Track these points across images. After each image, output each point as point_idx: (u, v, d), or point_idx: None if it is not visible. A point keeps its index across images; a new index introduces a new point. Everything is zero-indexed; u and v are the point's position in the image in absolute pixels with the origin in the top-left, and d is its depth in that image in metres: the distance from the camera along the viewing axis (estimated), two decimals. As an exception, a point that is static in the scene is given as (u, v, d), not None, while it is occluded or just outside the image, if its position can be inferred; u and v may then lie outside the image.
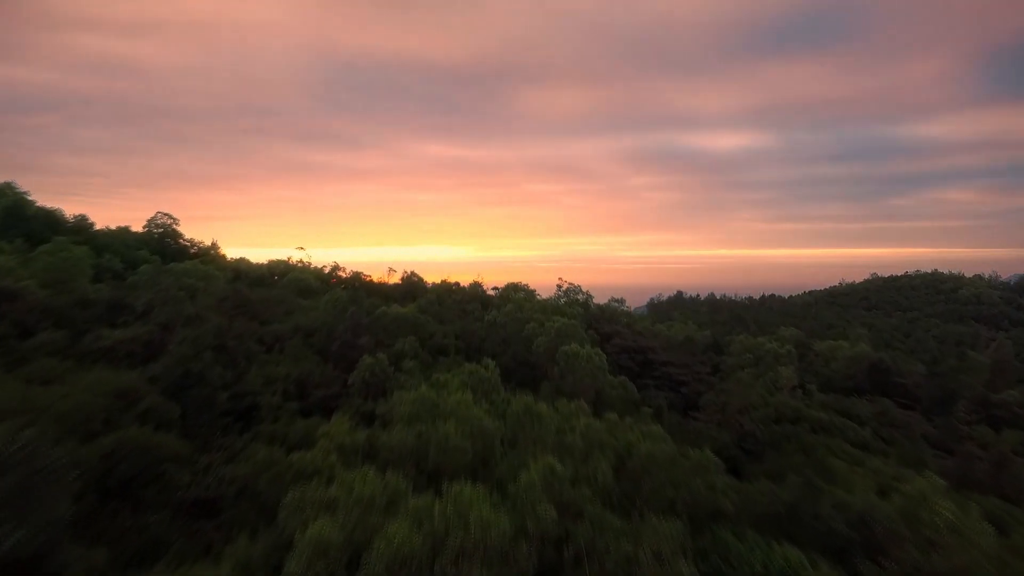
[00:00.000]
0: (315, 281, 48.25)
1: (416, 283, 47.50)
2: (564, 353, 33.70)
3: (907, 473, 26.79)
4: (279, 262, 58.71)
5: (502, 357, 35.28)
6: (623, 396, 32.97)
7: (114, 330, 25.68)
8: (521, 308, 40.91)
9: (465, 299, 48.11)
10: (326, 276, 53.35)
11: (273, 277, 53.36)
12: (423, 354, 31.27)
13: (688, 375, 47.13)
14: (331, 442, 19.72)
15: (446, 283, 49.05)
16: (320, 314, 33.40)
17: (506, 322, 38.64)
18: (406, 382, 27.11)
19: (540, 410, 16.27)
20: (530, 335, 36.69)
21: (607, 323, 53.95)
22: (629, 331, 52.55)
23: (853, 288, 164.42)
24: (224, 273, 44.79)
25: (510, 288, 51.93)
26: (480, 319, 40.62)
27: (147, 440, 19.21)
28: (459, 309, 41.73)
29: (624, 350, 49.95)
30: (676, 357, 49.12)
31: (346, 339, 29.24)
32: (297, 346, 29.52)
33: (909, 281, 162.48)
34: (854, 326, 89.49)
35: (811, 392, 42.33)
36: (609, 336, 51.49)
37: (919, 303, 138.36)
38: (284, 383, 25.72)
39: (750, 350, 47.65)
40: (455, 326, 36.46)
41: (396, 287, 47.56)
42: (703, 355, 51.56)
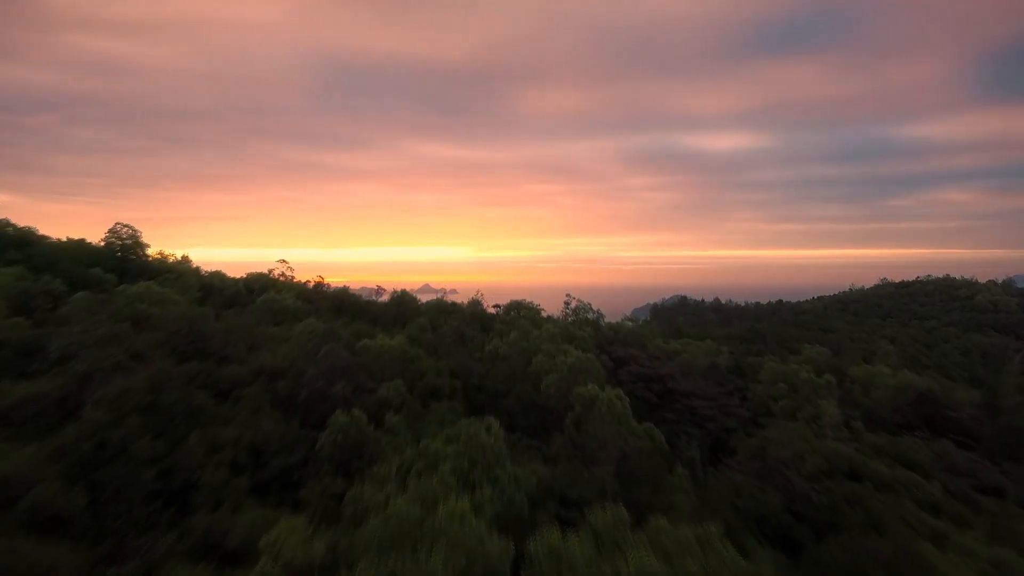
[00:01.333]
0: (295, 301, 43.03)
1: (407, 303, 42.31)
2: (580, 396, 28.63)
3: (1010, 556, 21.74)
4: (259, 276, 53.49)
5: (505, 399, 30.17)
6: (651, 450, 27.80)
7: (20, 383, 20.52)
8: (527, 336, 35.73)
9: (463, 320, 42.94)
10: (309, 292, 48.17)
11: (250, 293, 48.18)
12: (411, 401, 26.06)
13: (714, 408, 41.99)
14: (276, 561, 14.56)
15: (441, 303, 43.91)
16: (290, 350, 28.18)
17: (510, 354, 33.49)
18: (388, 446, 21.93)
19: (571, 554, 11.10)
20: (538, 371, 31.58)
21: (620, 346, 48.87)
22: (645, 355, 47.47)
23: (864, 294, 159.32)
24: (189, 293, 39.66)
25: (513, 307, 46.78)
26: (480, 347, 35.44)
27: (21, 556, 14.08)
28: (456, 334, 36.61)
29: (640, 378, 44.86)
30: (699, 386, 44.01)
31: (317, 387, 24.04)
32: (257, 396, 24.30)
33: (922, 287, 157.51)
34: (880, 342, 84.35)
35: (858, 431, 37.28)
36: (623, 361, 46.40)
37: (935, 311, 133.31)
38: (234, 450, 20.50)
39: (783, 378, 42.54)
40: (451, 360, 31.31)
41: (385, 307, 42.30)
42: (727, 382, 46.43)
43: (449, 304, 44.45)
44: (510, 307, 46.57)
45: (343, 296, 43.90)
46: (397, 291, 46.48)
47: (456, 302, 46.63)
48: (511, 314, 40.16)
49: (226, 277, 50.10)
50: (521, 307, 46.75)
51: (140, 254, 43.45)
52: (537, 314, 45.48)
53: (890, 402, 43.08)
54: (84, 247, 39.83)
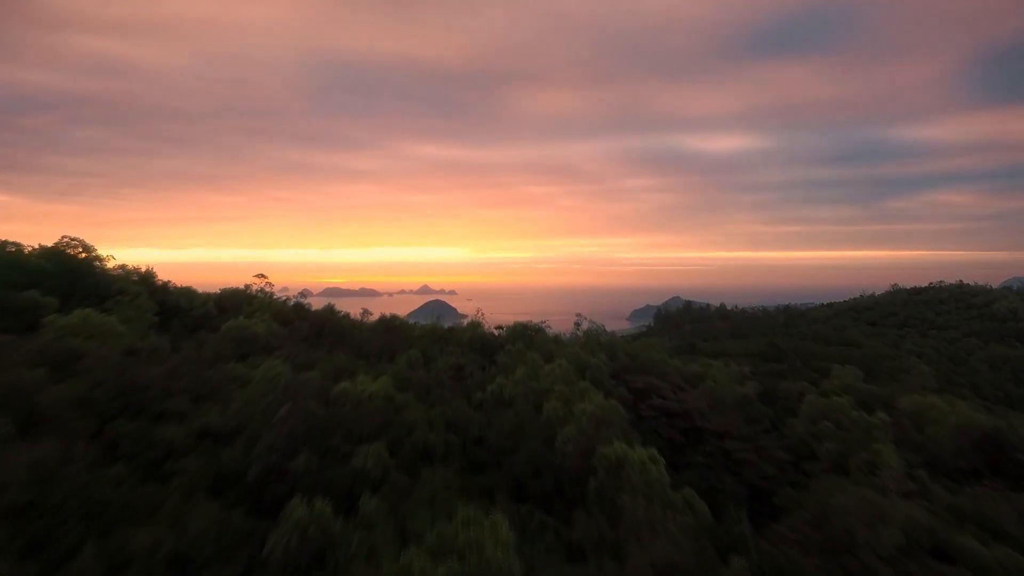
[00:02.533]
0: (270, 324, 37.62)
1: (397, 328, 36.79)
2: (605, 460, 23.38)
3: None
4: (234, 293, 48.03)
5: (512, 457, 24.83)
6: (695, 528, 22.50)
7: None
8: (536, 373, 30.37)
9: (462, 346, 37.60)
10: (288, 313, 42.78)
11: (222, 313, 42.79)
12: (396, 472, 20.69)
13: (751, 451, 36.68)
14: None
15: (437, 328, 38.55)
16: (245, 404, 22.76)
17: (516, 396, 28.14)
18: (359, 550, 16.57)
19: None
20: (551, 420, 26.27)
21: (639, 374, 43.58)
22: (667, 384, 42.20)
23: (876, 301, 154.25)
24: (143, 319, 34.25)
25: (519, 331, 41.39)
26: (481, 386, 30.07)
27: None
28: (452, 369, 31.25)
29: (664, 412, 39.54)
30: (732, 424, 38.74)
31: (271, 461, 18.68)
32: (195, 471, 18.92)
33: (936, 294, 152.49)
34: (908, 358, 79.14)
35: (924, 483, 32.04)
36: (644, 393, 41.06)
37: (953, 320, 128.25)
38: (147, 563, 15.16)
39: (826, 414, 37.31)
40: (446, 408, 25.95)
41: (372, 331, 36.74)
42: (760, 416, 41.14)
43: (445, 329, 39.07)
44: (515, 332, 41.21)
45: (326, 319, 38.47)
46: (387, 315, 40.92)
47: (454, 326, 41.27)
48: (517, 345, 34.71)
49: (196, 294, 44.68)
50: (528, 331, 41.39)
51: (93, 271, 38.03)
52: (546, 340, 40.10)
53: (951, 443, 37.77)
54: (20, 262, 34.34)
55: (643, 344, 46.40)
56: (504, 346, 39.69)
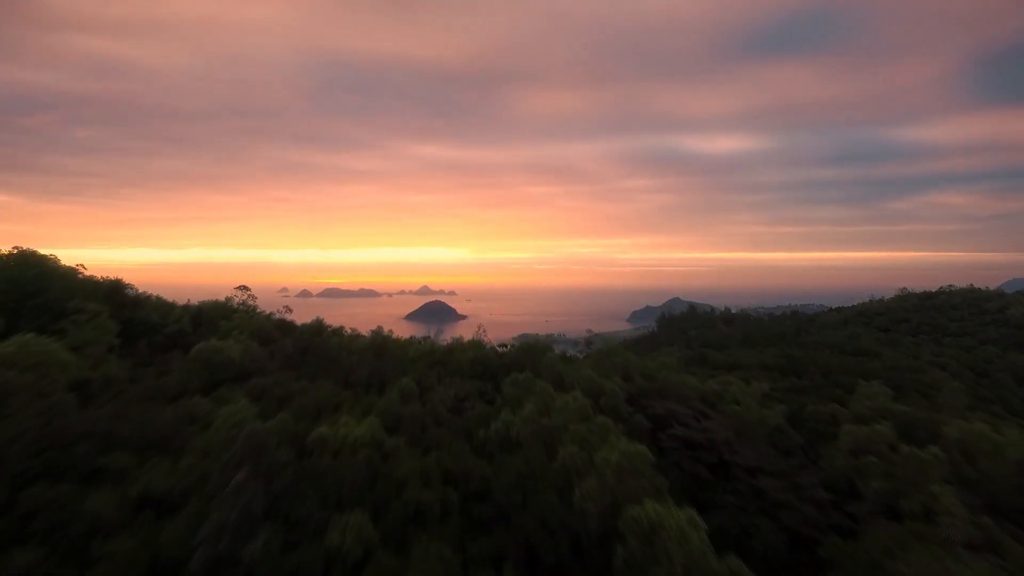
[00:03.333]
0: (249, 344, 33.67)
1: (388, 350, 32.65)
2: (635, 524, 19.50)
3: None
4: (214, 306, 44.02)
5: (521, 515, 20.94)
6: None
7: None
8: (547, 406, 26.42)
9: (461, 370, 33.67)
10: (270, 331, 38.78)
11: (197, 329, 38.90)
12: (380, 550, 16.76)
13: (788, 490, 32.61)
14: None
15: (434, 350, 34.53)
16: (198, 460, 18.82)
17: (525, 436, 24.20)
18: None
19: None
20: (567, 469, 22.38)
21: (657, 398, 39.59)
22: (688, 411, 38.18)
23: (887, 306, 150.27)
24: (103, 341, 30.27)
25: (525, 350, 37.48)
26: (484, 421, 26.13)
27: None
28: (452, 400, 27.29)
29: (687, 444, 35.48)
30: (764, 457, 34.67)
31: (219, 547, 14.79)
32: (126, 555, 15.01)
33: (948, 299, 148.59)
34: (934, 371, 75.17)
35: (988, 530, 28.16)
36: (663, 421, 37.04)
37: (968, 326, 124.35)
38: None
39: (869, 446, 33.31)
40: (443, 454, 22.04)
41: (361, 356, 32.56)
42: (794, 445, 37.17)
43: (443, 349, 35.06)
44: (522, 350, 37.31)
45: (310, 341, 34.47)
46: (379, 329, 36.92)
47: (452, 348, 37.27)
48: (524, 375, 30.71)
49: (171, 308, 40.74)
50: (534, 350, 37.44)
51: (48, 286, 34.06)
52: (555, 361, 36.15)
53: (1011, 480, 33.79)
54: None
55: (659, 364, 42.45)
56: (509, 369, 35.79)
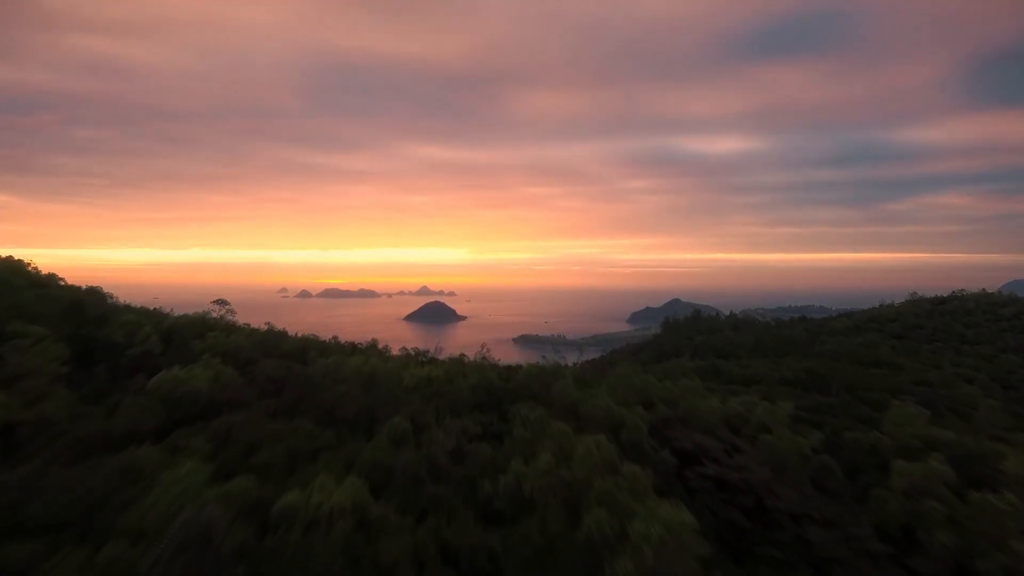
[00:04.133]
0: (221, 372, 29.49)
1: (379, 382, 28.12)
2: (687, 630, 15.53)
3: None
4: (192, 320, 39.84)
5: (541, 608, 16.91)
6: None
7: None
8: (566, 453, 22.29)
9: (462, 401, 29.48)
10: (248, 352, 34.57)
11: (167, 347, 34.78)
12: None
13: (841, 542, 28.32)
14: None
15: (429, 375, 30.20)
16: (133, 531, 14.75)
17: (539, 494, 20.14)
18: None
19: None
20: (594, 542, 18.37)
21: (681, 428, 35.33)
22: (717, 442, 33.98)
23: (899, 312, 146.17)
24: (45, 371, 26.07)
25: (534, 375, 33.33)
26: (491, 472, 22.03)
27: None
28: (452, 446, 23.15)
29: (720, 485, 31.20)
30: (808, 499, 30.45)
31: None
32: None
33: (962, 304, 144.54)
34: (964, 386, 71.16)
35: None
36: (691, 457, 32.73)
37: (985, 333, 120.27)
38: None
39: (929, 488, 29.21)
40: (440, 521, 17.97)
41: (348, 387, 27.92)
42: (842, 487, 33.05)
43: (442, 378, 30.82)
44: (530, 375, 33.17)
45: (289, 369, 30.11)
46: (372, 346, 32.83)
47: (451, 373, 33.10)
48: (537, 411, 26.51)
49: (139, 327, 36.59)
50: (544, 374, 33.30)
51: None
52: (568, 388, 31.99)
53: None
54: None
55: (684, 388, 38.35)
56: (516, 396, 31.73)
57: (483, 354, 36.84)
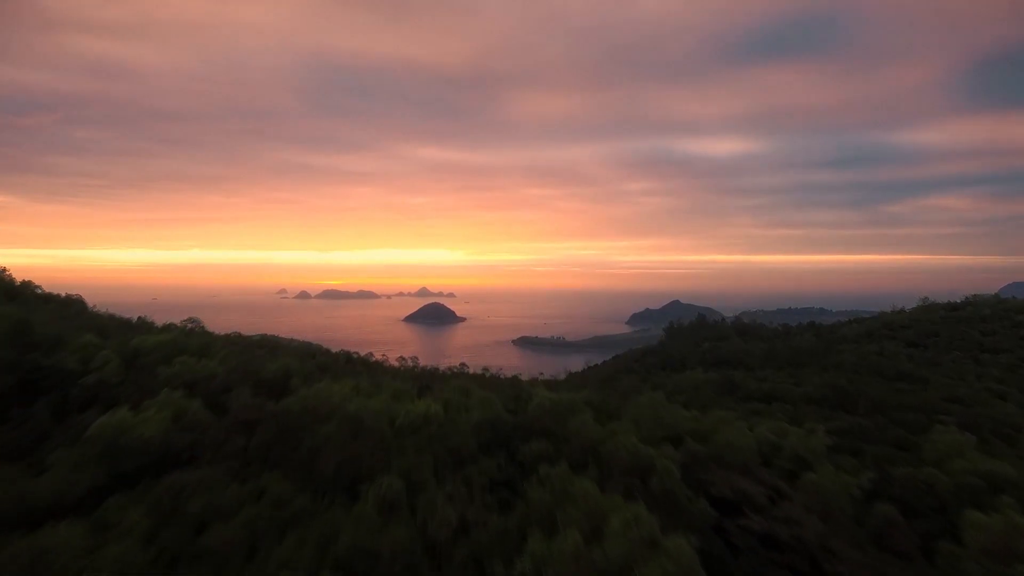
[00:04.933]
0: (184, 409, 25.21)
1: (366, 428, 23.50)
2: None
3: None
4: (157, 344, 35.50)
5: None
6: None
7: None
8: (597, 531, 18.00)
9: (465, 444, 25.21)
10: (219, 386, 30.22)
11: (127, 372, 30.49)
12: None
13: (914, 619, 24.02)
14: None
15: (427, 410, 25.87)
16: None
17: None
18: None
19: None
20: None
21: (715, 467, 30.95)
22: (759, 487, 29.62)
23: (913, 319, 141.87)
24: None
25: (548, 411, 28.99)
26: (503, 552, 17.81)
27: None
28: (455, 519, 18.76)
29: (768, 542, 26.75)
30: (872, 561, 26.12)
31: None
32: None
33: (976, 310, 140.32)
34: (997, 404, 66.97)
35: None
36: (731, 507, 28.32)
37: (1004, 341, 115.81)
38: None
39: (1011, 547, 25.20)
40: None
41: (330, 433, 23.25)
42: (908, 541, 28.79)
43: (441, 416, 26.42)
44: (544, 412, 28.82)
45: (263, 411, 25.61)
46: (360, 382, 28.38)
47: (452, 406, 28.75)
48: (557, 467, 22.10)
49: (96, 349, 32.33)
50: (560, 412, 28.93)
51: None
52: (588, 425, 27.71)
53: None
54: None
55: (715, 420, 34.12)
56: (528, 434, 27.50)
57: (489, 371, 32.54)
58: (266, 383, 32.39)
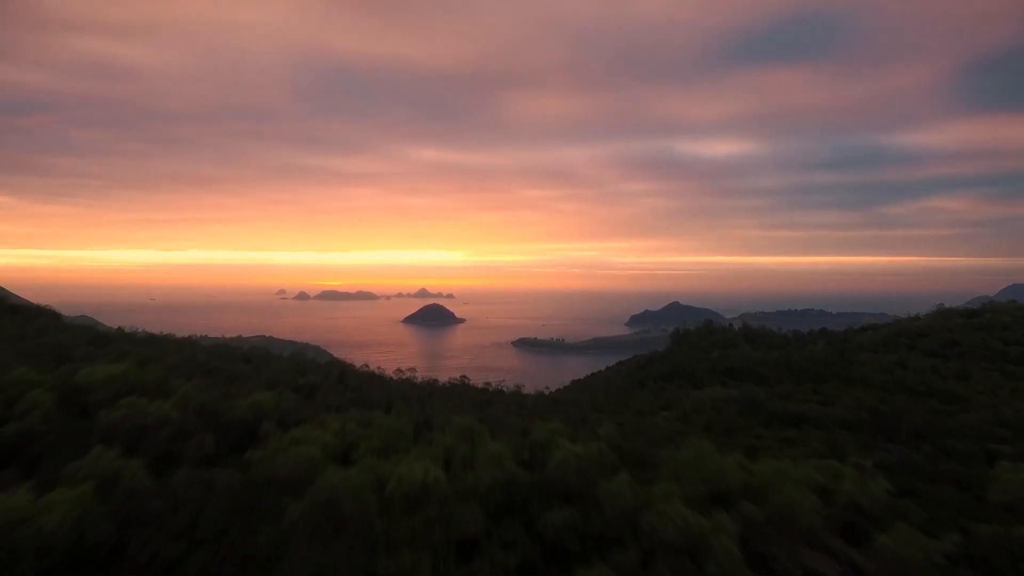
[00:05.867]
0: (117, 465, 19.93)
1: (343, 500, 18.33)
2: None
3: None
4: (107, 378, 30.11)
5: None
6: None
7: None
8: None
9: (469, 529, 20.05)
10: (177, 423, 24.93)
11: (66, 417, 25.21)
12: None
13: None
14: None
15: (424, 476, 20.67)
16: None
17: None
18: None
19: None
20: None
21: (776, 534, 25.78)
22: (831, 563, 24.63)
23: (930, 327, 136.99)
24: None
25: (576, 470, 23.84)
26: None
27: None
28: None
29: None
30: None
31: None
32: None
33: (996, 318, 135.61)
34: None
35: None
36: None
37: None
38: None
39: None
40: None
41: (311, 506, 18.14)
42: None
43: (442, 481, 21.21)
44: (570, 471, 23.69)
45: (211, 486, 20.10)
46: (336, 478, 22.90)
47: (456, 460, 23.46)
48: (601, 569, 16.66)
49: (36, 381, 27.06)
50: (590, 472, 23.85)
51: None
52: (622, 489, 22.51)
53: None
54: None
55: (769, 471, 28.79)
56: (549, 497, 22.31)
57: (490, 386, 27.25)
58: (232, 428, 27.09)
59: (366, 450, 24.71)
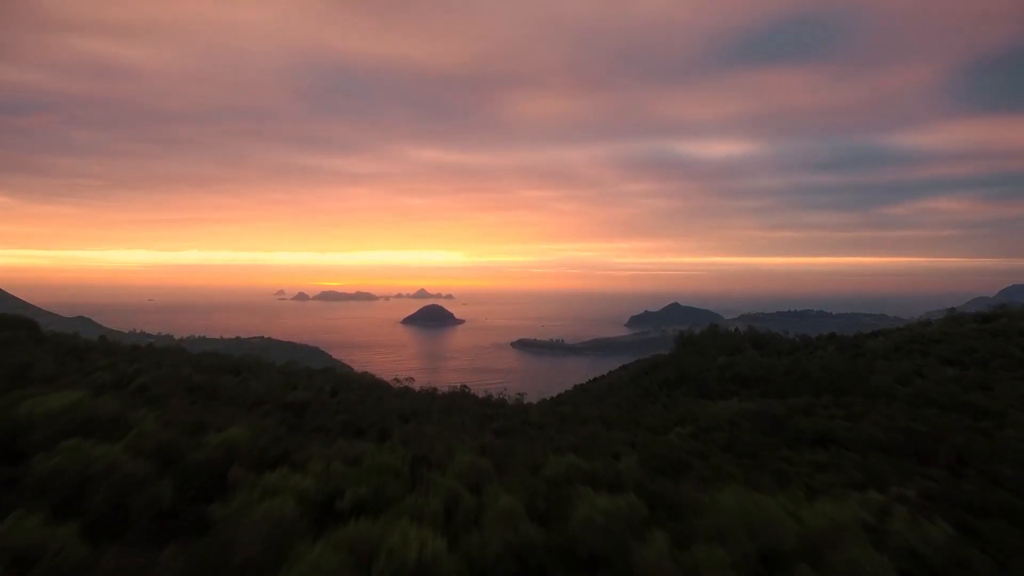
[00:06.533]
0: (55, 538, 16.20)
1: None
2: None
3: None
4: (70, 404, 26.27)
5: None
6: None
7: None
8: None
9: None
10: (131, 466, 21.59)
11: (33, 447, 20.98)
12: None
13: None
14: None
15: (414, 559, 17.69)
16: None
17: None
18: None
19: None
20: None
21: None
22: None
23: (944, 333, 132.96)
24: None
25: (602, 531, 20.26)
26: None
27: None
28: None
29: None
30: None
31: None
32: None
33: (1011, 323, 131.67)
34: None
35: None
36: None
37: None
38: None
39: None
40: None
41: None
42: None
43: (445, 558, 17.84)
44: (596, 531, 20.02)
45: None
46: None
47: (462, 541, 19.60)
48: None
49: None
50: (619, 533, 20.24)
51: None
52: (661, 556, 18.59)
53: None
54: None
55: (822, 520, 24.69)
56: (571, 561, 18.02)
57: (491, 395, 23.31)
58: (197, 472, 22.94)
59: (352, 501, 20.73)
